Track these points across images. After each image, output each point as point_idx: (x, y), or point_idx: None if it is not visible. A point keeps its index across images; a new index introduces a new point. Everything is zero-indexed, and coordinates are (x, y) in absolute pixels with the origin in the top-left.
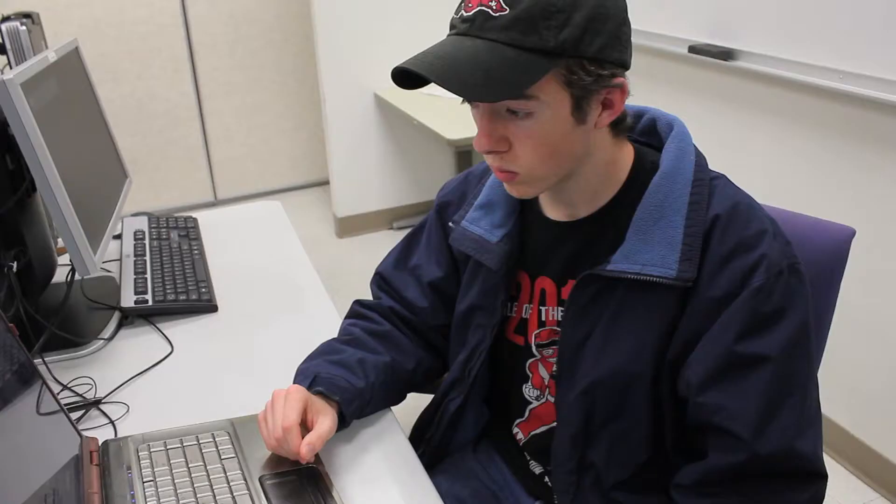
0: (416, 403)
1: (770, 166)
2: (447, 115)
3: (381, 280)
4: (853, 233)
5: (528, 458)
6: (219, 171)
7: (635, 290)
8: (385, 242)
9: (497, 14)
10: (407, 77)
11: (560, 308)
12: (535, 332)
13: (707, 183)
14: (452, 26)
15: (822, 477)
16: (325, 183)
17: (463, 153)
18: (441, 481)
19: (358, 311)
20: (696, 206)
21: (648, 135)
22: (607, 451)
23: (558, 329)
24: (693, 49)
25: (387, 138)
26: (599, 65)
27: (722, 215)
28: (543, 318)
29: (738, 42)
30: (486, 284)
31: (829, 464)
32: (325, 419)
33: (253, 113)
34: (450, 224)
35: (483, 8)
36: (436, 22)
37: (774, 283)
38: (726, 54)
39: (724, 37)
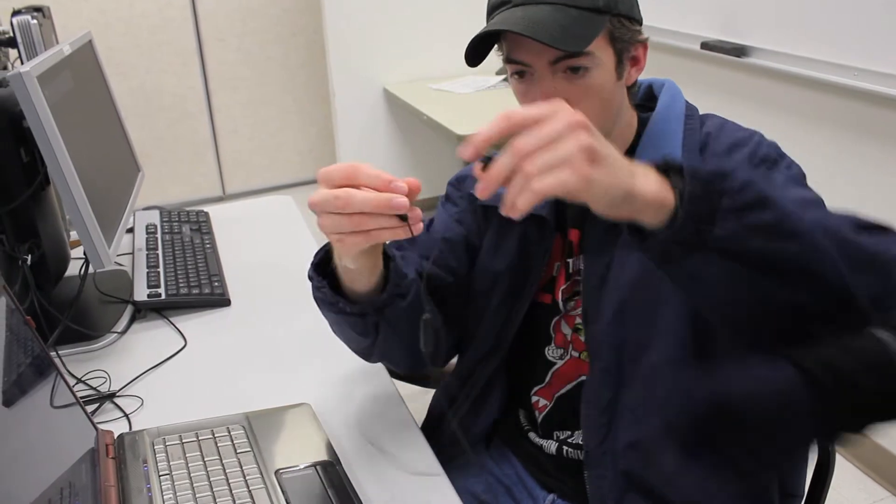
0: (427, 398)
1: None
2: (456, 109)
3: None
4: None
5: (541, 441)
6: (227, 165)
7: None
8: None
9: None
10: (476, 49)
11: (583, 255)
12: (562, 287)
13: (697, 117)
14: (503, 3)
15: None
16: None
17: None
18: (454, 477)
19: None
20: (690, 131)
21: (647, 100)
22: (643, 390)
23: (580, 278)
24: (705, 45)
25: (396, 133)
26: (631, 21)
27: (713, 132)
28: (570, 271)
29: (750, 38)
30: (526, 240)
31: (840, 462)
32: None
33: (261, 107)
34: (472, 192)
35: None
36: (445, 16)
37: (778, 160)
38: (739, 51)
39: (736, 33)
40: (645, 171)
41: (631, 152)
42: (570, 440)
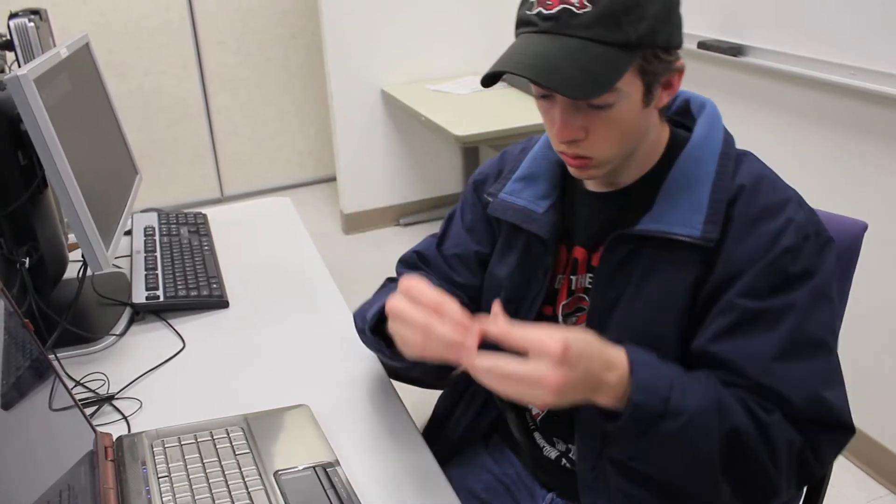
0: (425, 399)
1: (780, 162)
2: (454, 110)
3: (419, 260)
4: (865, 227)
5: (543, 443)
6: (225, 167)
7: (662, 251)
8: (392, 239)
9: (580, 11)
10: (493, 76)
11: (589, 275)
12: (564, 302)
13: (733, 157)
14: (529, 22)
15: (852, 431)
16: (332, 179)
17: (470, 149)
18: (454, 475)
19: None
20: (722, 175)
21: (682, 115)
22: None
23: (584, 296)
24: (703, 45)
25: (394, 134)
26: (668, 52)
27: (747, 185)
28: (573, 287)
29: (748, 38)
30: (528, 254)
31: (839, 460)
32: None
33: (260, 109)
34: (485, 196)
35: (566, 6)
36: (443, 18)
37: (803, 245)
38: (736, 50)
39: (733, 32)
40: (611, 385)
41: (658, 172)
42: (570, 455)
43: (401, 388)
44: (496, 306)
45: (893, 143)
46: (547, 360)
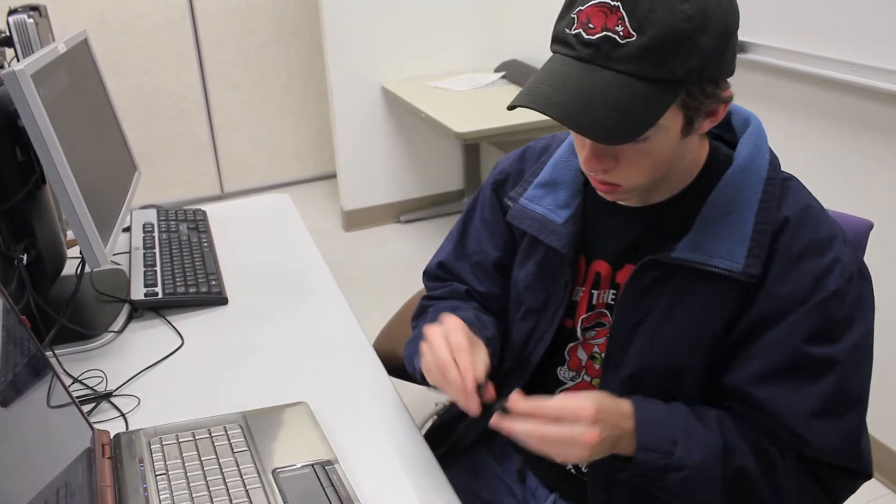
0: (424, 397)
1: (782, 159)
2: (455, 107)
3: (443, 271)
4: (871, 225)
5: None
6: (225, 164)
7: (695, 280)
8: (392, 236)
9: (624, 41)
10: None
11: (612, 291)
12: (583, 316)
13: (779, 183)
14: (566, 43)
15: (869, 477)
16: (332, 176)
17: (471, 146)
18: (456, 475)
19: (432, 305)
20: (767, 204)
21: (722, 127)
22: None
23: (605, 312)
24: None
25: (394, 131)
26: (716, 84)
27: (792, 218)
28: (594, 302)
29: (750, 34)
30: (546, 265)
31: None
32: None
33: (260, 106)
34: (506, 200)
35: (609, 34)
36: (442, 15)
37: (847, 287)
38: (738, 47)
39: None
40: (629, 434)
41: (694, 191)
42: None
43: (400, 385)
44: (516, 396)
45: (894, 140)
46: (583, 422)
